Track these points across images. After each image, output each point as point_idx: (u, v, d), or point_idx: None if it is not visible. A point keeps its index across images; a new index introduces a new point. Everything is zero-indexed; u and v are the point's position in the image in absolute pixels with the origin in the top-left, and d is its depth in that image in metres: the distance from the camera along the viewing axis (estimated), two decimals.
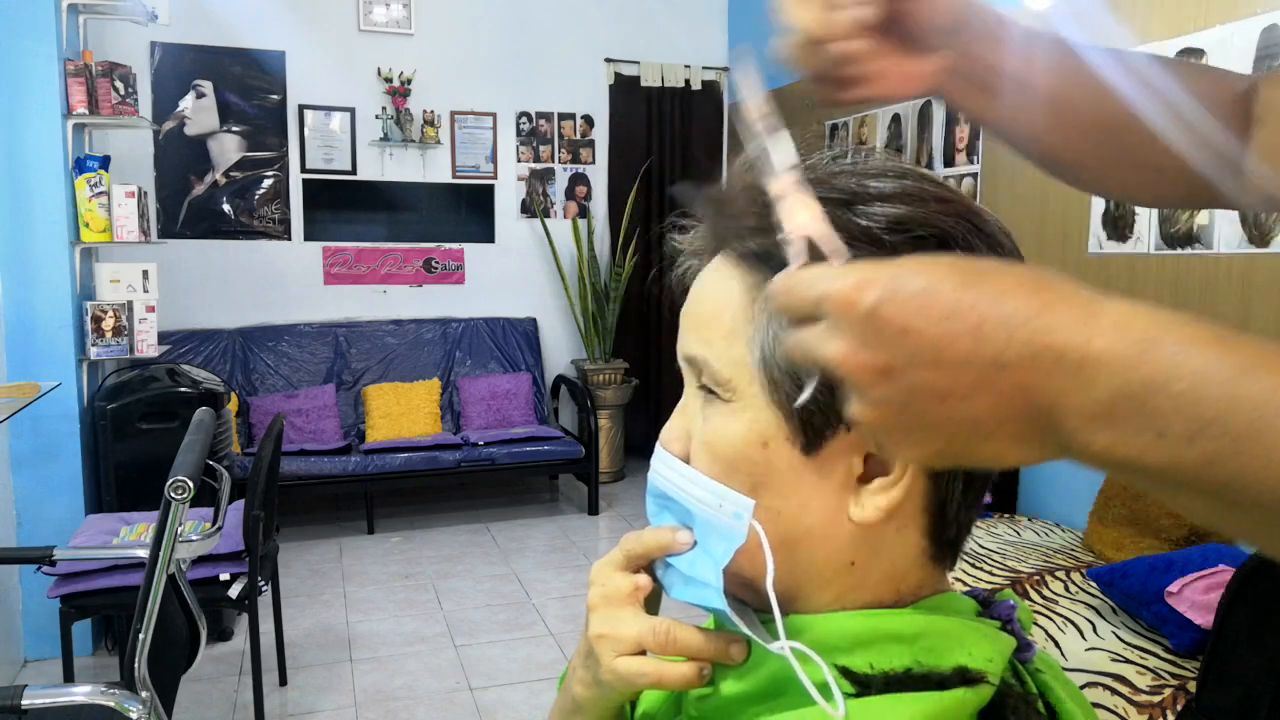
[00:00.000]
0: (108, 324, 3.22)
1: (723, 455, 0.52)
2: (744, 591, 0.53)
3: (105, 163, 3.21)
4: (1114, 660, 2.12)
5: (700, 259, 0.55)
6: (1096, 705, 2.01)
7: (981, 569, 2.66)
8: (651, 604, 0.58)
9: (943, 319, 0.35)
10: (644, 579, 0.57)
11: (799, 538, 0.51)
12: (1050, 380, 0.35)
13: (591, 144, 5.45)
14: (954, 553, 0.54)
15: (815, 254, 0.42)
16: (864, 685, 0.48)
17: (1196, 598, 2.07)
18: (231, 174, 4.81)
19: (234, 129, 4.79)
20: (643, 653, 0.55)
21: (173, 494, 1.43)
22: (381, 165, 5.05)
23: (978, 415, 0.36)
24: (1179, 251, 2.82)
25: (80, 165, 3.15)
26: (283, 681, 2.95)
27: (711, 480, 0.52)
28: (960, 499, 0.51)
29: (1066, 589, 2.51)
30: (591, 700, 0.59)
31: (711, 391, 0.52)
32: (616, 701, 0.59)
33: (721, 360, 0.51)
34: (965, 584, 2.60)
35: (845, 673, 0.48)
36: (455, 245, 5.24)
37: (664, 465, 0.55)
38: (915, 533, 0.51)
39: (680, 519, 0.55)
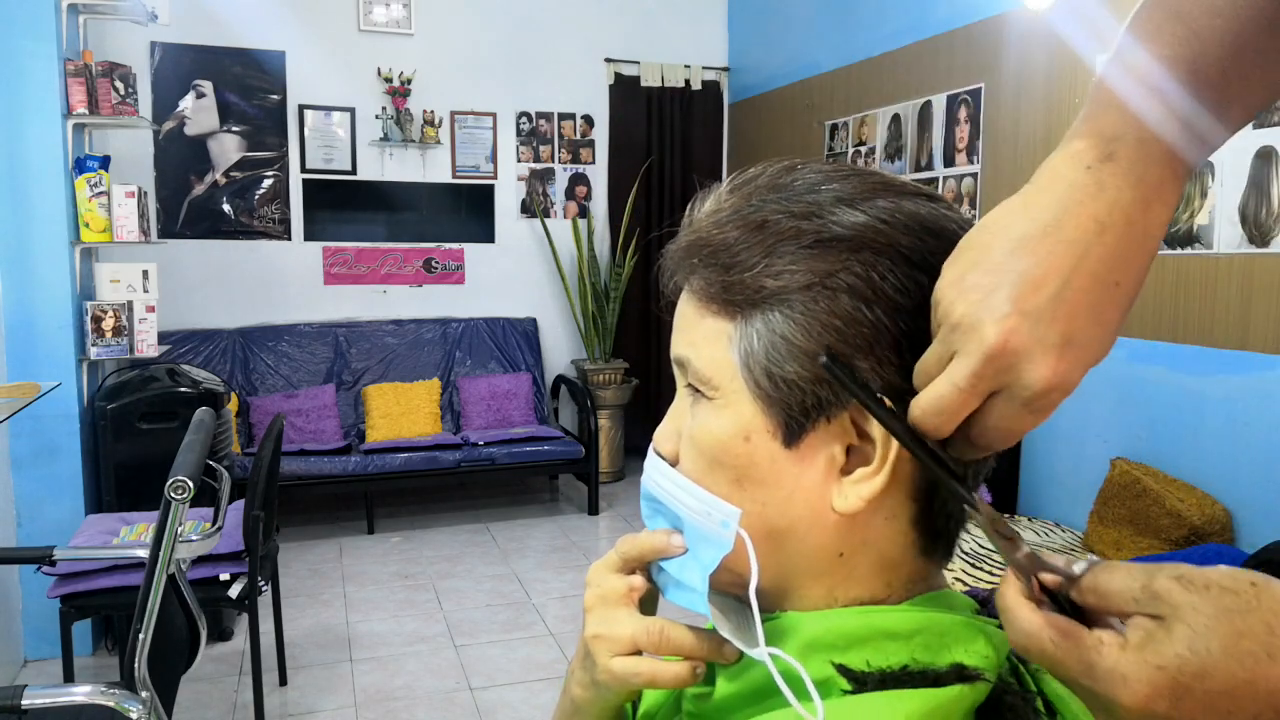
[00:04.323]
0: (108, 324, 3.22)
1: (707, 450, 0.53)
2: (740, 589, 0.54)
3: (105, 163, 3.21)
4: None
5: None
6: None
7: (981, 569, 2.66)
8: (649, 605, 0.59)
9: (1226, 714, 0.38)
10: (638, 580, 0.58)
11: (785, 530, 0.52)
12: None
13: (591, 144, 5.46)
14: (946, 546, 0.54)
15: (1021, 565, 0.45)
16: (860, 683, 0.48)
17: None
18: (231, 174, 4.81)
19: (234, 129, 4.79)
20: (638, 653, 0.56)
21: (173, 494, 1.43)
22: (381, 165, 5.05)
23: None
24: (1179, 251, 2.82)
25: (80, 165, 3.16)
26: (283, 681, 2.96)
27: (700, 488, 0.53)
28: (950, 494, 0.52)
29: None
30: (589, 701, 0.59)
31: (697, 390, 0.54)
32: (614, 702, 0.59)
33: (703, 359, 0.53)
34: (965, 584, 2.60)
35: (842, 670, 0.49)
36: (455, 245, 5.24)
37: (655, 470, 0.57)
38: (904, 522, 0.52)
39: (671, 524, 0.56)
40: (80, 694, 1.46)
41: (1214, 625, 0.39)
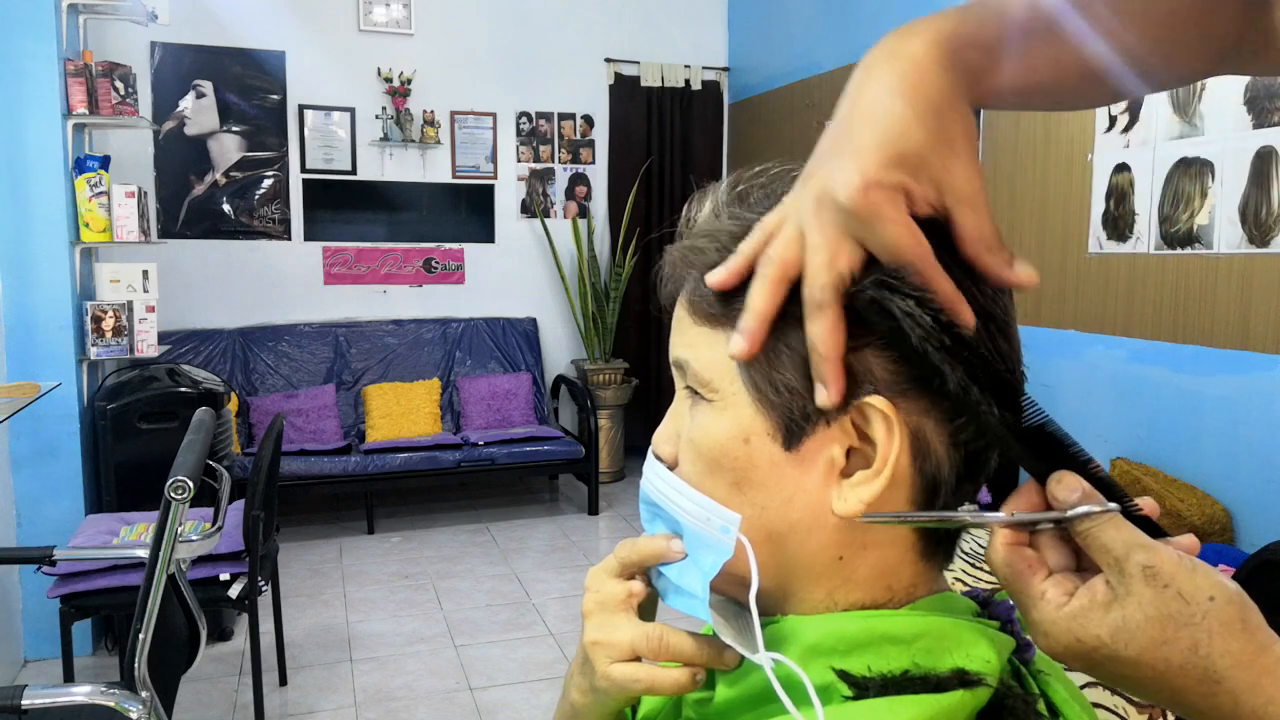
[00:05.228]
0: (108, 324, 3.22)
1: (706, 452, 0.53)
2: (740, 593, 0.53)
3: (105, 163, 3.21)
4: None
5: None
6: (1096, 705, 2.01)
7: (981, 569, 2.66)
8: (648, 610, 0.58)
9: (1129, 689, 0.44)
10: (637, 585, 0.57)
11: (785, 533, 0.51)
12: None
13: (591, 144, 5.45)
14: (947, 550, 0.54)
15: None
16: (862, 688, 0.48)
17: None
18: (231, 174, 4.81)
19: (234, 129, 4.79)
20: (638, 659, 0.55)
21: (173, 494, 1.43)
22: (381, 165, 5.05)
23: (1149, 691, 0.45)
24: (1179, 251, 2.82)
25: (80, 165, 3.15)
26: (283, 681, 2.96)
27: (699, 493, 0.53)
28: (951, 495, 0.51)
29: None
30: (588, 706, 0.59)
31: (696, 392, 0.54)
32: (613, 707, 0.59)
33: (702, 361, 0.53)
34: (965, 584, 2.60)
35: (843, 675, 0.48)
36: (455, 245, 5.24)
37: (654, 474, 0.56)
38: (904, 527, 0.51)
39: (670, 528, 0.56)
40: (80, 694, 1.46)
41: (1144, 627, 0.42)
